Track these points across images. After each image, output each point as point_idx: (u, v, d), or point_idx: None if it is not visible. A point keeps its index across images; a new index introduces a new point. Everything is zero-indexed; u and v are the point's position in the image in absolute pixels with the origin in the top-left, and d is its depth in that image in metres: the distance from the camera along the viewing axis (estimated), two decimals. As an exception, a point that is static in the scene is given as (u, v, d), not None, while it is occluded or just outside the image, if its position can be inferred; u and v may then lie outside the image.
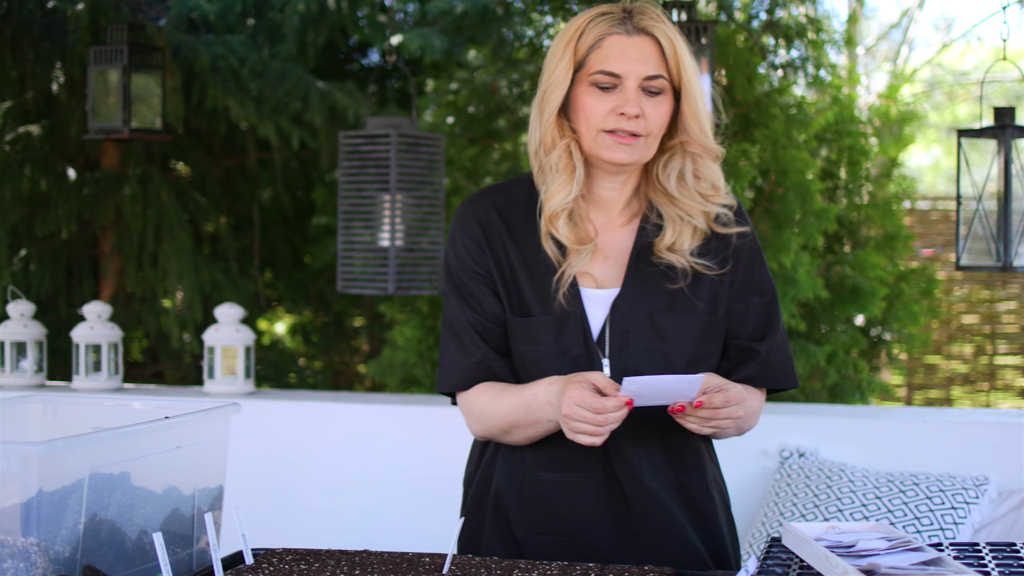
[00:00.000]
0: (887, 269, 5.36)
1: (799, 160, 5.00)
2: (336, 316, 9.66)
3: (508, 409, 2.59)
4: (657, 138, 2.58)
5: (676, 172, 2.61)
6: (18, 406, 2.61)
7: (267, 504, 4.58)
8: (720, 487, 2.74)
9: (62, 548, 2.07)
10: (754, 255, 2.69)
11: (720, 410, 2.41)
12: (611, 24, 2.56)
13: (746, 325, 2.67)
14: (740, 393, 2.45)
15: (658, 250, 2.59)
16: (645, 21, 2.56)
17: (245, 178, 9.17)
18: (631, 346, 2.56)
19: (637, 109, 2.51)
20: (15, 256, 8.16)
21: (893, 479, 3.85)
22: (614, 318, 2.58)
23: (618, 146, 2.53)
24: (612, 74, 2.52)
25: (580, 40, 2.56)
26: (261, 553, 2.38)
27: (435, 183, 5.05)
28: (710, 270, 2.61)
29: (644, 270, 2.60)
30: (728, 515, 2.75)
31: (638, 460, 2.58)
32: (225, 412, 2.48)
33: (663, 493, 2.59)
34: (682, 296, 2.59)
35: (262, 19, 8.60)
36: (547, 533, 2.60)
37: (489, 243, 2.66)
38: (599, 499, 2.59)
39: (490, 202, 2.69)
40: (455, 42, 7.65)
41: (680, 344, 2.58)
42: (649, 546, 2.58)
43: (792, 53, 5.71)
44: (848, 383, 5.30)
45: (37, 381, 5.10)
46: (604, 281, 2.62)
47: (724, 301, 2.64)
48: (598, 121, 2.53)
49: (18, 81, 8.03)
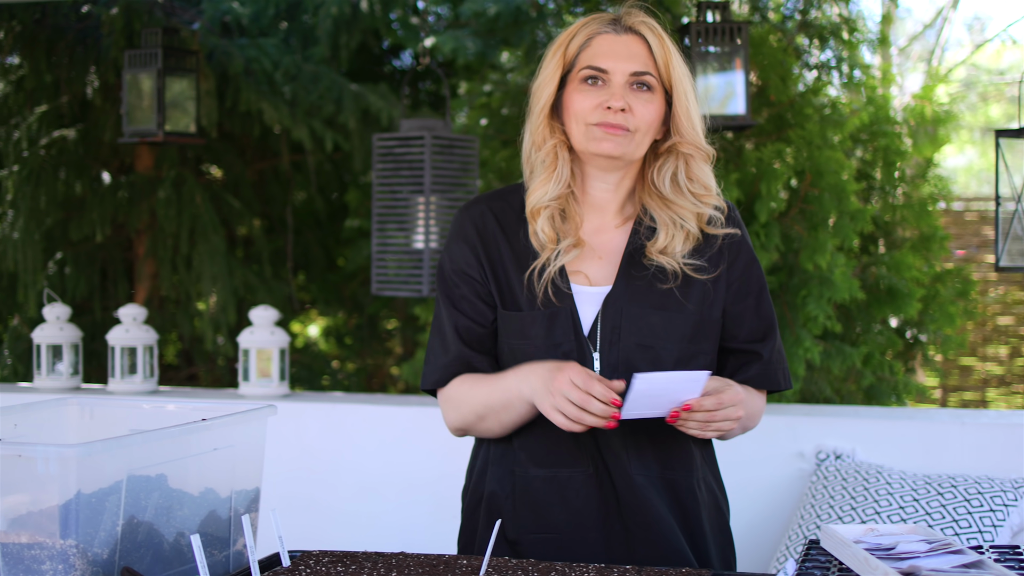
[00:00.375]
0: (923, 270, 5.33)
1: (834, 161, 4.97)
2: (369, 318, 9.67)
3: (485, 393, 2.65)
4: (646, 135, 2.62)
5: (670, 174, 2.66)
6: (56, 408, 2.62)
7: (301, 506, 4.58)
8: (711, 489, 2.74)
9: (100, 550, 2.07)
10: (750, 257, 2.74)
11: (715, 412, 2.43)
12: (600, 25, 2.64)
13: (743, 327, 2.71)
14: (737, 394, 2.47)
15: (650, 252, 2.64)
16: (634, 21, 2.64)
17: (278, 181, 9.19)
18: (622, 342, 2.59)
19: (623, 103, 2.56)
20: (50, 259, 8.20)
21: (931, 481, 3.83)
22: (605, 314, 2.61)
23: (605, 136, 2.58)
24: (599, 69, 2.59)
25: (571, 42, 2.65)
26: (297, 555, 2.38)
27: (469, 185, 5.04)
28: (700, 273, 2.65)
29: (636, 270, 2.64)
30: (718, 518, 2.75)
31: (627, 455, 2.60)
32: (262, 414, 2.48)
33: (649, 489, 2.61)
34: (672, 296, 2.63)
35: (295, 22, 8.61)
36: (540, 532, 2.62)
37: (483, 245, 2.71)
38: (590, 494, 2.61)
39: (486, 206, 2.76)
40: (488, 44, 7.65)
41: (670, 342, 2.61)
42: (639, 542, 2.60)
43: (826, 54, 5.68)
44: (884, 385, 5.28)
45: (73, 384, 5.12)
46: (597, 279, 2.66)
47: (718, 302, 2.68)
48: (585, 115, 2.59)
49: (53, 86, 8.07)
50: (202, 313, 8.35)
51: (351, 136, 8.21)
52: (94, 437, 2.54)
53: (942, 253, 5.51)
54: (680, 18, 5.31)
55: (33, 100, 8.13)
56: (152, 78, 5.13)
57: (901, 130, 5.57)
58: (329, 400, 4.80)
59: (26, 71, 7.95)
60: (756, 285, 2.73)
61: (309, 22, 8.56)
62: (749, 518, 4.15)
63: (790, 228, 5.01)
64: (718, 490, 2.78)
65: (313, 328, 11.03)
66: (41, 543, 2.04)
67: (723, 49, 4.55)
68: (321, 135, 8.07)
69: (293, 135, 8.11)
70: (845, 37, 5.65)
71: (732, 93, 4.55)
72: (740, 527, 4.10)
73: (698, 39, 4.54)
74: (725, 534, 2.77)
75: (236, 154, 8.85)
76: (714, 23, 4.55)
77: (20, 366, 7.95)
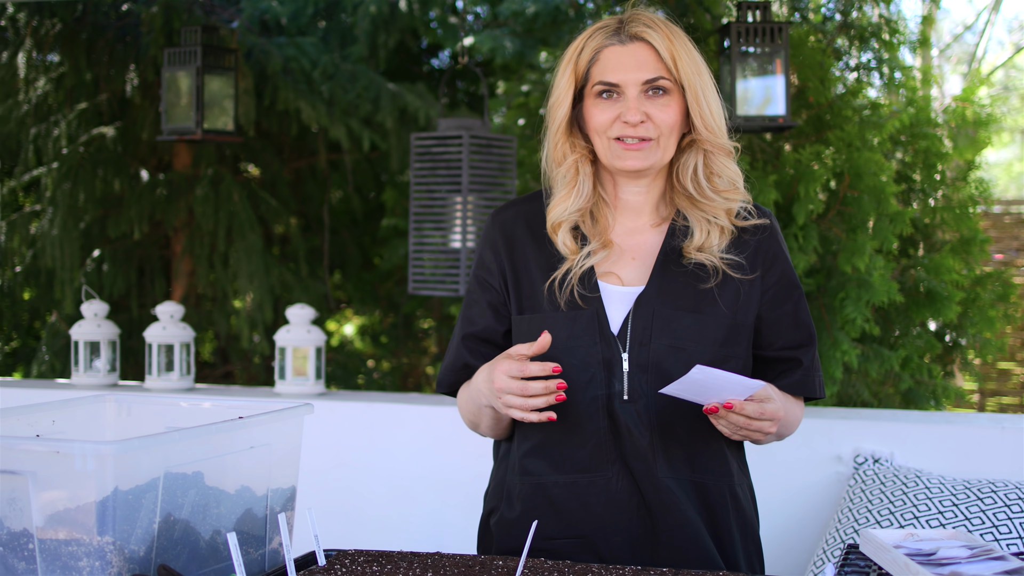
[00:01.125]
0: (962, 273, 5.29)
1: (873, 163, 4.94)
2: (405, 317, 9.68)
3: (466, 401, 2.74)
4: (669, 138, 2.63)
5: (691, 170, 2.68)
6: (93, 405, 2.63)
7: (334, 505, 4.58)
8: (743, 497, 2.73)
9: (137, 547, 2.07)
10: (785, 264, 2.73)
11: (752, 420, 2.42)
12: (605, 36, 2.64)
13: (782, 335, 2.70)
14: (778, 410, 2.46)
15: (687, 251, 2.64)
16: (637, 28, 2.63)
17: (315, 180, 9.22)
18: (652, 342, 2.59)
19: (639, 116, 2.57)
20: (88, 257, 8.24)
21: (970, 486, 3.79)
22: (636, 314, 2.61)
23: (627, 153, 2.61)
24: (611, 84, 2.60)
25: (580, 57, 2.66)
26: (333, 554, 2.38)
27: (506, 185, 5.04)
28: (737, 271, 2.65)
29: (672, 270, 2.64)
30: (748, 527, 2.73)
31: (654, 456, 2.59)
32: (298, 413, 2.48)
33: (678, 491, 2.60)
34: (707, 297, 2.63)
35: (333, 21, 8.64)
36: (561, 538, 2.61)
37: (509, 251, 2.74)
38: (612, 498, 2.60)
39: (518, 210, 2.80)
40: (526, 44, 7.65)
41: (702, 344, 2.60)
42: (664, 546, 2.59)
43: (867, 55, 5.64)
44: (922, 388, 5.24)
45: (110, 381, 5.14)
46: (630, 280, 2.67)
47: (752, 307, 2.67)
48: (605, 129, 2.61)
49: (92, 83, 8.12)
50: (238, 311, 8.38)
51: (388, 135, 8.23)
52: (131, 434, 2.54)
53: (982, 256, 5.46)
54: (720, 18, 5.28)
55: (72, 98, 8.18)
56: (191, 76, 5.14)
57: (942, 132, 5.53)
58: (365, 399, 4.80)
59: (66, 69, 8.00)
60: (794, 292, 2.72)
61: (347, 21, 8.58)
62: (786, 521, 4.13)
63: (829, 230, 4.97)
64: (750, 498, 2.77)
65: (348, 327, 11.05)
66: (78, 540, 2.04)
67: (763, 50, 4.53)
68: (358, 134, 8.09)
69: (330, 134, 8.13)
70: (885, 38, 5.62)
71: (772, 94, 4.53)
72: (776, 530, 4.08)
73: (738, 40, 4.52)
74: (755, 543, 2.76)
75: (273, 152, 8.88)
76: (754, 23, 4.53)
77: (57, 362, 8.00)
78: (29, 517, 2.06)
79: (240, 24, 8.01)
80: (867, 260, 4.80)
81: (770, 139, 5.26)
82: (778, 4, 5.50)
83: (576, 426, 2.60)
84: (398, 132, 8.17)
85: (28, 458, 2.05)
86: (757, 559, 2.75)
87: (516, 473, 2.71)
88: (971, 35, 14.74)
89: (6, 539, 2.08)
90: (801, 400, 2.76)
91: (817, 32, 5.51)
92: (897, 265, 5.26)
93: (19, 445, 2.05)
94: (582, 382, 2.59)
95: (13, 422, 2.41)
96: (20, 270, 8.35)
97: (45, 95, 8.16)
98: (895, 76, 5.65)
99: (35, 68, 8.07)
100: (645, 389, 2.56)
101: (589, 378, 2.59)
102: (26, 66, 7.99)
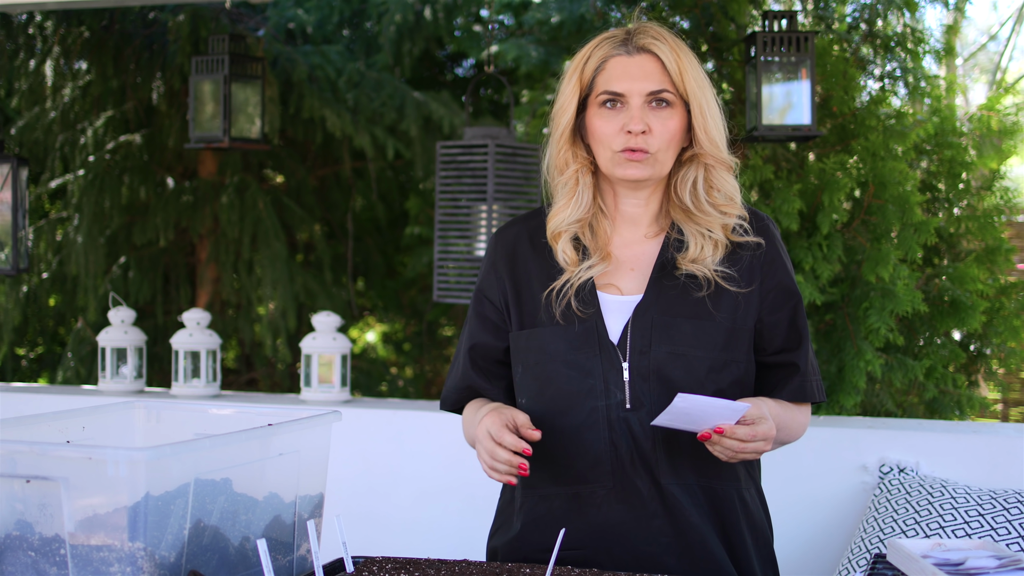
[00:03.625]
0: (987, 283, 5.27)
1: (898, 172, 4.93)
2: (428, 325, 9.70)
3: (468, 428, 2.79)
4: (668, 151, 2.65)
5: (690, 183, 2.70)
6: (123, 411, 2.65)
7: (360, 512, 4.60)
8: (755, 505, 2.73)
9: (167, 553, 2.09)
10: (784, 271, 2.74)
11: (746, 444, 2.43)
12: (612, 46, 2.67)
13: (777, 338, 2.70)
14: (770, 430, 2.45)
15: (681, 263, 2.65)
16: (644, 40, 2.66)
17: (340, 187, 9.24)
18: (652, 350, 2.60)
19: (642, 126, 2.60)
20: (114, 264, 8.28)
21: (996, 496, 3.79)
22: (635, 323, 2.62)
23: (629, 164, 2.63)
24: (616, 94, 2.63)
25: (586, 65, 2.69)
26: (361, 561, 2.39)
27: (531, 194, 5.05)
28: (731, 284, 2.66)
29: (667, 280, 2.66)
30: (762, 537, 2.73)
31: (656, 462, 2.60)
32: (327, 420, 2.50)
33: (683, 496, 2.60)
34: (704, 305, 2.64)
35: (358, 29, 8.67)
36: (563, 548, 2.60)
37: (511, 267, 2.78)
38: (613, 508, 2.61)
39: (522, 227, 2.83)
40: (551, 52, 7.66)
41: (702, 350, 2.61)
42: (667, 553, 2.59)
43: (892, 64, 5.63)
44: (947, 398, 5.22)
45: (137, 387, 5.16)
46: (628, 290, 2.69)
47: (751, 313, 2.68)
48: (609, 141, 2.63)
49: (119, 91, 8.16)
50: (262, 318, 8.40)
51: (412, 143, 8.25)
52: (160, 441, 2.56)
53: (1007, 266, 5.44)
54: (745, 28, 5.28)
55: (99, 105, 8.22)
56: (218, 84, 5.17)
57: (966, 141, 5.51)
58: (391, 407, 4.81)
59: (93, 77, 8.04)
60: (792, 297, 2.72)
61: (372, 29, 8.61)
62: (810, 530, 4.13)
63: (853, 239, 4.97)
64: (759, 504, 2.76)
65: (371, 334, 11.07)
66: (110, 545, 2.05)
67: (789, 59, 4.53)
68: (383, 142, 8.11)
69: (355, 142, 8.16)
70: (910, 47, 5.61)
71: (797, 103, 4.53)
72: (801, 539, 4.07)
73: (764, 49, 4.52)
74: (767, 549, 2.75)
75: (298, 160, 8.91)
76: (780, 32, 4.53)
77: (82, 369, 8.04)
78: (61, 523, 2.08)
79: (266, 32, 8.04)
80: (891, 269, 4.80)
81: (794, 148, 5.25)
82: (803, 14, 5.49)
83: (577, 437, 2.62)
84: (422, 140, 8.19)
85: (60, 464, 2.06)
86: (770, 566, 2.75)
87: (518, 487, 2.72)
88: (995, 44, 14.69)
89: (38, 545, 2.10)
90: (805, 406, 2.76)
91: (842, 41, 5.50)
92: (921, 275, 5.25)
93: (51, 451, 2.07)
94: (582, 393, 2.61)
95: (44, 428, 2.43)
96: (47, 276, 8.39)
97: (72, 103, 8.21)
98: (920, 85, 5.63)
99: (62, 76, 8.12)
100: (647, 397, 2.58)
101: (589, 389, 2.61)
102: (53, 74, 8.04)
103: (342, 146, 8.76)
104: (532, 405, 2.67)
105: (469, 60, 9.70)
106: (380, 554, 2.53)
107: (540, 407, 2.66)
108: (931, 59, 5.82)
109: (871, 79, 5.66)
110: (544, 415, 2.64)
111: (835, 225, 4.91)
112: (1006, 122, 5.58)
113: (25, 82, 8.13)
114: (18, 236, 5.05)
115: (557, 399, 2.63)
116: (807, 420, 2.77)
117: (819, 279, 4.81)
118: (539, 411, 2.65)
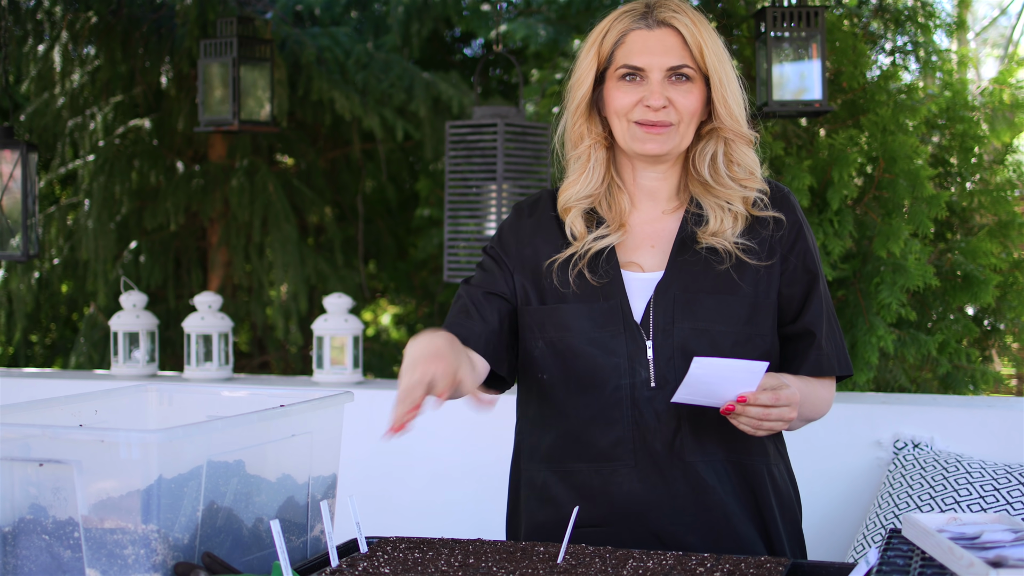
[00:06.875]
0: (1000, 257, 5.25)
1: (908, 147, 4.91)
2: (440, 307, 9.69)
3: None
4: (689, 125, 2.63)
5: (709, 157, 2.67)
6: (136, 395, 2.65)
7: (374, 493, 4.60)
8: (780, 477, 2.70)
9: (181, 535, 2.09)
10: (806, 244, 2.70)
11: (770, 410, 2.40)
12: (632, 20, 2.63)
13: (794, 309, 2.67)
14: (793, 395, 2.43)
15: (701, 237, 2.63)
16: (664, 13, 2.62)
17: (350, 169, 9.24)
18: (676, 326, 2.58)
19: (662, 100, 2.57)
20: (125, 248, 8.29)
21: (1012, 471, 3.78)
22: (658, 301, 2.60)
23: (648, 137, 2.60)
24: (636, 67, 2.60)
25: (605, 39, 2.66)
26: (374, 541, 2.39)
27: (541, 173, 5.04)
28: (752, 256, 2.63)
29: (688, 255, 2.64)
30: (791, 514, 2.71)
31: (681, 440, 2.58)
32: (339, 401, 2.50)
33: (709, 474, 2.59)
34: (726, 278, 2.62)
35: (367, 11, 8.65)
36: (585, 526, 2.58)
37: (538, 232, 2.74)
38: (635, 485, 2.58)
39: (548, 195, 2.81)
40: (560, 31, 7.64)
41: (726, 324, 2.59)
42: (691, 530, 2.57)
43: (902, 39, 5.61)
44: (960, 373, 5.21)
45: (149, 371, 5.17)
46: (650, 267, 2.66)
47: (774, 285, 2.65)
48: (627, 112, 2.60)
49: (127, 76, 8.16)
50: (274, 301, 8.41)
51: (422, 124, 8.23)
52: (173, 423, 2.56)
53: (1020, 240, 5.42)
54: (754, 4, 5.26)
55: (108, 90, 8.22)
56: (227, 67, 5.16)
57: (978, 115, 5.49)
58: (402, 387, 4.80)
59: (101, 61, 8.04)
60: (813, 269, 2.68)
61: (380, 10, 8.59)
62: (825, 506, 4.12)
63: (864, 215, 4.95)
64: (788, 481, 2.74)
65: (384, 316, 11.08)
66: (123, 528, 2.06)
67: (799, 34, 4.51)
68: (392, 123, 8.10)
69: (364, 124, 8.15)
70: (921, 21, 5.58)
71: (808, 79, 4.52)
72: (816, 515, 4.07)
73: (774, 24, 4.50)
74: (795, 526, 2.74)
75: (308, 143, 8.90)
76: (790, 8, 4.52)
77: (95, 354, 8.05)
78: (74, 506, 2.08)
79: (274, 15, 8.02)
80: (903, 244, 4.78)
81: (805, 124, 5.24)
82: (812, -12, 5.47)
83: (600, 415, 2.60)
84: (431, 121, 8.17)
85: (73, 447, 2.07)
86: (798, 544, 2.74)
87: (541, 462, 2.71)
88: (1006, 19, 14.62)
89: (52, 528, 2.10)
90: (829, 380, 2.72)
91: (852, 16, 5.48)
92: (934, 249, 5.24)
93: (64, 434, 2.07)
94: (606, 371, 2.59)
95: (57, 412, 2.43)
96: (58, 262, 8.41)
97: (81, 88, 8.21)
98: (931, 60, 5.61)
99: (71, 61, 8.11)
100: (672, 375, 2.56)
101: (613, 367, 2.59)
102: (62, 59, 8.03)
103: (351, 128, 8.75)
104: (554, 382, 2.66)
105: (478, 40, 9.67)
106: (395, 534, 2.53)
107: (563, 384, 2.64)
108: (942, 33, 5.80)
109: (882, 54, 5.64)
110: (567, 392, 2.63)
111: (846, 201, 4.90)
112: (1018, 95, 5.56)
113: (34, 68, 8.13)
114: (28, 222, 5.05)
115: (581, 377, 2.62)
116: (831, 396, 2.73)
117: (830, 255, 4.80)
118: (561, 388, 2.64)
